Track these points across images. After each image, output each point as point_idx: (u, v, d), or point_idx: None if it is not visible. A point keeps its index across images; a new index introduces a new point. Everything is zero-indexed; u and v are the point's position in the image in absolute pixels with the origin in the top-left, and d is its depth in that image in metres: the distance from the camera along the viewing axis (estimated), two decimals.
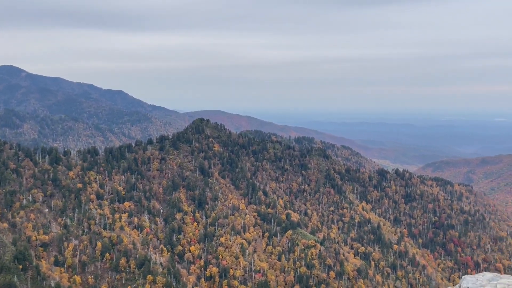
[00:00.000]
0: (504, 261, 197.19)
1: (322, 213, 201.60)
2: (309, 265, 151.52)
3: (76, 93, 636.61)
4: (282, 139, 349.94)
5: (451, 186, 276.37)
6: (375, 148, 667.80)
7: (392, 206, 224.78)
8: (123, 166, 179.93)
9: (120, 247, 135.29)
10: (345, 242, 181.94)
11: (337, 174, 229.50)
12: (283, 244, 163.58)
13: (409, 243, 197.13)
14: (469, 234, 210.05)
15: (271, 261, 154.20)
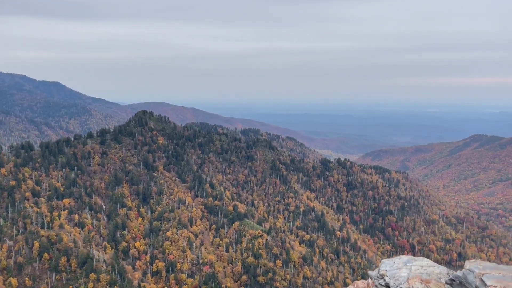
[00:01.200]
0: (436, 242, 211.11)
1: (268, 203, 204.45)
2: (256, 255, 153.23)
3: (7, 85, 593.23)
4: (228, 131, 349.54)
5: (389, 174, 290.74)
6: (319, 138, 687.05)
7: (334, 194, 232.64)
8: (61, 162, 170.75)
9: (60, 246, 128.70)
10: (290, 231, 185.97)
11: (283, 164, 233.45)
12: (231, 235, 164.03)
13: (351, 229, 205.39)
14: (406, 218, 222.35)
15: (219, 253, 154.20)
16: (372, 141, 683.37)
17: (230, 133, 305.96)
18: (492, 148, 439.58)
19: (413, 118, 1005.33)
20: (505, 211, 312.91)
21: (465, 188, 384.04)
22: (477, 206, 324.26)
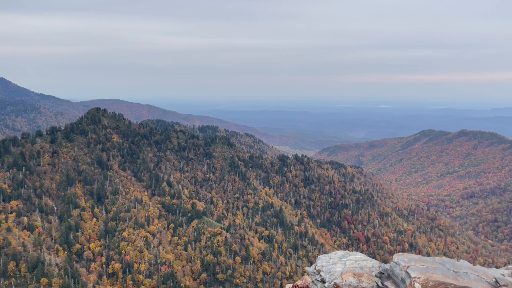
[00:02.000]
0: (389, 234, 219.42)
1: (227, 200, 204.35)
2: (215, 253, 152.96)
3: None
4: (186, 128, 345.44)
5: (344, 169, 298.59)
6: (276, 135, 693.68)
7: (292, 189, 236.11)
8: (7, 162, 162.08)
9: (8, 251, 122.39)
10: (250, 227, 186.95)
11: (241, 161, 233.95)
12: (189, 234, 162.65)
13: (309, 223, 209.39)
14: (361, 211, 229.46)
15: (177, 252, 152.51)
16: (328, 137, 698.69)
17: (187, 130, 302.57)
18: (439, 142, 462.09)
19: (367, 114, 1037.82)
20: (452, 202, 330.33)
21: (416, 181, 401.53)
22: (427, 198, 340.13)
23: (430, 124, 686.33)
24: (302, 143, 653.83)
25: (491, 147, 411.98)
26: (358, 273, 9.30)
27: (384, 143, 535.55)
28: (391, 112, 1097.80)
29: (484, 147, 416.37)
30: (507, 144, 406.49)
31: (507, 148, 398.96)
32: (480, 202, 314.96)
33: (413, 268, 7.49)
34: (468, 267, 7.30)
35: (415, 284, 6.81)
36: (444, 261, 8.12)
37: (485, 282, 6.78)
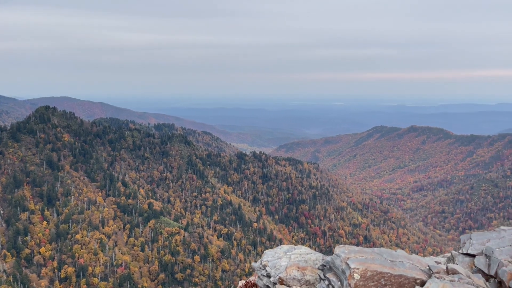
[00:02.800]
0: (345, 227, 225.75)
1: (185, 199, 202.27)
2: (173, 252, 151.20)
3: None
4: (141, 126, 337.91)
5: (301, 165, 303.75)
6: (234, 132, 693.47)
7: (251, 186, 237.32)
8: None
9: None
10: (208, 226, 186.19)
11: (199, 159, 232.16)
12: (146, 234, 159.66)
13: (267, 220, 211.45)
14: (317, 206, 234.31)
15: (134, 253, 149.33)
16: (285, 134, 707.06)
17: (143, 129, 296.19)
18: (391, 138, 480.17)
19: (322, 111, 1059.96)
20: (403, 195, 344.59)
21: (369, 176, 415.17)
22: (380, 192, 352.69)
23: (382, 121, 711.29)
24: (260, 140, 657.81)
25: (438, 142, 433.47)
26: (302, 266, 9.60)
27: (339, 139, 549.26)
28: (345, 109, 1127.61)
29: (432, 142, 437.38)
30: (452, 139, 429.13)
31: (452, 142, 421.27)
32: (428, 194, 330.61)
33: (353, 259, 7.85)
34: (404, 256, 7.78)
35: (354, 275, 7.16)
36: (382, 251, 8.56)
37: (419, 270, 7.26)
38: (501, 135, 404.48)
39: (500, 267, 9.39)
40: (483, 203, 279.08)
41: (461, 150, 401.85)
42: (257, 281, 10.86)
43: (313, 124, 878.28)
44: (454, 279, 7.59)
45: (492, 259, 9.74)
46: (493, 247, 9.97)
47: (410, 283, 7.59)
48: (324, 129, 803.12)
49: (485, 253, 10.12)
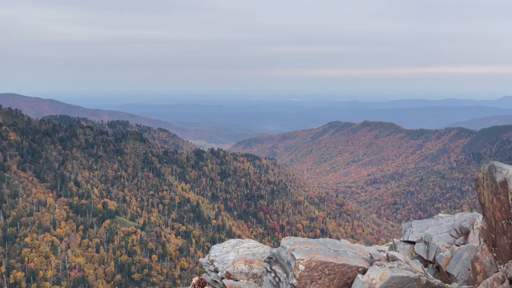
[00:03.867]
0: (303, 221, 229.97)
1: (141, 198, 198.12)
2: (130, 252, 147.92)
3: None
4: (94, 124, 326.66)
5: (259, 161, 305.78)
6: (191, 129, 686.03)
7: (209, 183, 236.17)
8: None
9: None
10: (166, 224, 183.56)
11: (155, 157, 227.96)
12: (101, 235, 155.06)
13: (226, 216, 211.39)
14: (275, 201, 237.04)
15: (88, 255, 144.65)
16: (243, 130, 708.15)
17: (95, 126, 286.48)
18: (345, 133, 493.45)
19: (279, 107, 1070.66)
20: (358, 188, 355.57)
21: (325, 170, 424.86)
22: (335, 186, 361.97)
23: (337, 116, 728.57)
24: (217, 136, 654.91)
25: (390, 136, 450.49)
26: (249, 259, 9.75)
27: (295, 134, 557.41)
28: (302, 105, 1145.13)
29: (384, 137, 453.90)
30: (403, 133, 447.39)
31: (403, 137, 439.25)
32: (381, 187, 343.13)
33: (298, 250, 8.09)
34: (347, 246, 8.13)
35: (299, 266, 7.37)
36: (326, 242, 8.88)
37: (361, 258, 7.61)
38: (447, 129, 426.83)
39: (437, 253, 10.04)
40: (432, 194, 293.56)
41: (411, 144, 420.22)
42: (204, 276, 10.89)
43: (271, 120, 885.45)
44: (394, 265, 8.02)
45: (431, 246, 10.40)
46: (431, 234, 10.64)
47: (352, 271, 7.94)
48: (282, 125, 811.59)
49: (424, 240, 10.78)
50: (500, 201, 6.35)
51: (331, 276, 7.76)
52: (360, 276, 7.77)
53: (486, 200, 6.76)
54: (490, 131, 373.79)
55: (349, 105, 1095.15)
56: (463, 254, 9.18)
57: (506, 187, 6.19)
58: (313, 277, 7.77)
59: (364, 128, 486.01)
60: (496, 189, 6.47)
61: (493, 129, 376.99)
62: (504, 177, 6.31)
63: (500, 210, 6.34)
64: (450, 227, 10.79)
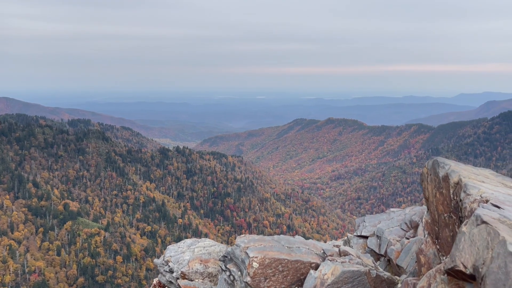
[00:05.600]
0: (269, 218, 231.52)
1: (104, 198, 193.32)
2: (93, 254, 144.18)
3: None
4: (53, 122, 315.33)
5: (225, 159, 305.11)
6: (156, 127, 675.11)
7: (175, 182, 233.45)
8: None
9: None
10: (131, 224, 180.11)
11: (119, 156, 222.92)
12: (62, 237, 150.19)
13: (192, 215, 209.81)
14: (242, 199, 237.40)
15: (49, 258, 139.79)
16: (209, 128, 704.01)
17: (55, 125, 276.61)
18: (310, 130, 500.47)
19: (245, 104, 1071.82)
20: (323, 184, 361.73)
21: (291, 167, 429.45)
22: (301, 182, 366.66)
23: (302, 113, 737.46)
24: (183, 134, 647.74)
25: (353, 132, 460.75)
26: (205, 259, 9.74)
27: (261, 132, 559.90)
28: (268, 102, 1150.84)
29: (348, 133, 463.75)
30: (365, 129, 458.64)
31: (366, 133, 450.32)
32: (345, 182, 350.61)
33: (252, 248, 8.17)
34: (301, 242, 8.28)
35: (253, 264, 7.45)
36: (280, 239, 9.02)
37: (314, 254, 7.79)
38: (407, 125, 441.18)
39: (389, 246, 10.42)
40: (393, 188, 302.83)
41: (374, 140, 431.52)
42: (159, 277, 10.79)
43: (237, 117, 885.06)
44: (345, 260, 8.25)
45: (382, 239, 10.79)
46: (383, 228, 11.02)
47: (305, 267, 8.09)
48: (248, 122, 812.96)
49: (376, 234, 11.16)
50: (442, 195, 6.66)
51: (285, 272, 7.88)
52: (312, 272, 7.94)
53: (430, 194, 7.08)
54: (447, 127, 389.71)
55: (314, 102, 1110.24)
56: (412, 246, 9.59)
57: (448, 181, 6.50)
58: (267, 274, 7.86)
59: (328, 125, 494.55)
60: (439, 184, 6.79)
61: (450, 125, 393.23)
62: (446, 172, 6.62)
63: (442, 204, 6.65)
64: (401, 221, 11.24)
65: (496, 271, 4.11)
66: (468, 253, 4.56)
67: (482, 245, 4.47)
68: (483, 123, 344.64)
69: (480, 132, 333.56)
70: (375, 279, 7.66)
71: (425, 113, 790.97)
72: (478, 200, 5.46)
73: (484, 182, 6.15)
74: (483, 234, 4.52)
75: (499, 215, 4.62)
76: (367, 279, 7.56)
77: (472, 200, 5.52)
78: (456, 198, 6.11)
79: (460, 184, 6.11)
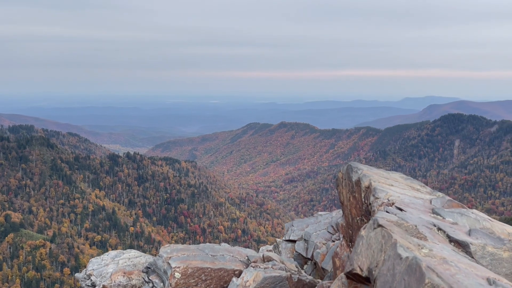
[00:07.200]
0: (224, 223, 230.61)
1: (50, 208, 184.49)
2: (38, 267, 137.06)
3: None
4: None
5: (178, 164, 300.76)
6: (105, 133, 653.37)
7: (126, 189, 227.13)
8: None
9: None
10: (79, 234, 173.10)
11: (65, 163, 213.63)
12: (4, 250, 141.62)
13: (145, 222, 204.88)
14: (196, 204, 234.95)
15: None
16: (161, 133, 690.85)
17: None
18: (264, 134, 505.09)
19: (198, 109, 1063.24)
20: (277, 187, 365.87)
21: (245, 171, 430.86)
22: (255, 186, 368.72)
23: (256, 117, 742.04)
24: (134, 140, 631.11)
25: (305, 136, 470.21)
26: (128, 271, 9.58)
27: (215, 136, 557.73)
28: (221, 106, 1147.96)
29: (300, 137, 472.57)
30: (317, 133, 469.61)
31: (317, 136, 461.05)
32: (299, 185, 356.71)
33: (174, 258, 8.13)
34: (225, 249, 8.36)
35: (175, 274, 7.42)
36: (204, 247, 9.05)
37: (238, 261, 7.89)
38: (356, 128, 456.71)
39: (315, 250, 10.75)
40: None
41: (325, 143, 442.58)
42: None
43: (190, 122, 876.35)
44: (268, 266, 8.42)
45: (309, 243, 11.11)
46: (310, 232, 11.36)
47: (229, 275, 8.18)
48: (201, 127, 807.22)
49: (304, 238, 11.48)
50: (355, 199, 6.99)
51: (208, 281, 7.91)
52: (234, 279, 8.03)
53: (345, 198, 7.41)
54: (394, 129, 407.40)
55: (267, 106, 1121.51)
56: (335, 249, 9.95)
57: (360, 185, 6.83)
58: (190, 284, 7.85)
59: (281, 129, 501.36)
60: (352, 188, 7.12)
61: (396, 128, 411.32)
62: (359, 176, 6.96)
63: (355, 208, 6.98)
64: (327, 224, 11.63)
65: (385, 273, 4.21)
66: (365, 256, 4.76)
67: (377, 248, 4.68)
68: (426, 126, 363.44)
69: (424, 134, 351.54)
70: (296, 284, 7.87)
71: (373, 116, 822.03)
72: (385, 203, 5.78)
73: (393, 186, 6.52)
74: (379, 237, 4.74)
75: (397, 218, 4.91)
76: (289, 284, 7.75)
77: (380, 204, 5.84)
78: (367, 202, 6.43)
79: (370, 188, 6.44)
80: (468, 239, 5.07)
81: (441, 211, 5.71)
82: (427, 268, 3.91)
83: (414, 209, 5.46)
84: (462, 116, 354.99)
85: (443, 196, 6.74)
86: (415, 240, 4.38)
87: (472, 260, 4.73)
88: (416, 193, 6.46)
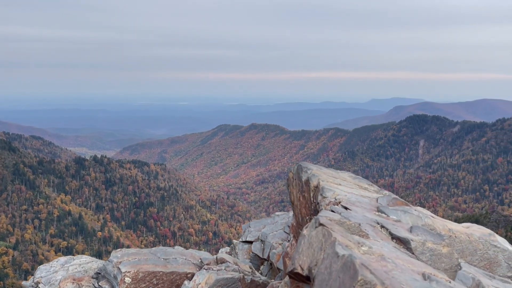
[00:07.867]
0: (195, 225, 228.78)
1: (12, 214, 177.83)
2: (1, 276, 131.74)
3: None
4: None
5: (147, 167, 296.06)
6: (71, 136, 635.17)
7: (93, 193, 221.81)
8: None
9: None
10: (44, 241, 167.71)
11: (28, 168, 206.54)
12: None
13: (113, 227, 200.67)
14: (166, 208, 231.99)
15: None
16: (129, 135, 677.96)
17: None
18: (234, 135, 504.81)
19: (167, 111, 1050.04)
20: (247, 189, 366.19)
21: (216, 173, 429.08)
22: (226, 188, 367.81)
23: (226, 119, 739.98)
24: (101, 143, 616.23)
25: (276, 137, 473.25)
26: (78, 277, 9.40)
27: (185, 138, 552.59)
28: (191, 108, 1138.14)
29: (270, 138, 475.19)
30: (287, 134, 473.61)
31: (287, 137, 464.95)
32: (269, 186, 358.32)
33: (125, 263, 8.05)
34: (178, 252, 8.33)
35: (125, 279, 7.34)
36: (156, 251, 9.00)
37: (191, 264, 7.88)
38: (325, 130, 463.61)
39: (271, 250, 10.88)
40: None
41: (295, 144, 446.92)
42: None
43: (159, 124, 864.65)
44: (222, 268, 8.45)
45: (266, 244, 11.23)
46: (267, 232, 11.49)
47: (181, 278, 8.16)
48: (170, 129, 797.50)
49: (260, 239, 11.59)
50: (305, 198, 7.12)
51: (159, 285, 7.86)
52: (186, 282, 8.00)
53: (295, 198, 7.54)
54: (361, 130, 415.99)
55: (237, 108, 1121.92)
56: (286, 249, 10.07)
57: (309, 185, 6.97)
58: None
59: (251, 131, 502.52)
60: (302, 188, 7.25)
61: (363, 129, 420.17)
62: (308, 176, 7.11)
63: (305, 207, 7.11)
64: (284, 224, 11.80)
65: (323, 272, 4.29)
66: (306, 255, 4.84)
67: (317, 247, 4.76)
68: (392, 127, 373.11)
69: (390, 135, 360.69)
70: (249, 285, 7.93)
71: (341, 117, 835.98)
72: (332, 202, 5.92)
73: (340, 185, 6.68)
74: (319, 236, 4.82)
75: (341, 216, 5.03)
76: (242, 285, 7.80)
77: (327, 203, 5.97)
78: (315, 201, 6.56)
79: (318, 187, 6.57)
80: (409, 235, 5.26)
81: (385, 209, 5.89)
82: (361, 265, 3.96)
83: (359, 208, 5.61)
84: (426, 117, 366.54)
85: (389, 194, 6.97)
86: (355, 238, 4.49)
87: (412, 256, 4.91)
88: (364, 192, 6.64)
